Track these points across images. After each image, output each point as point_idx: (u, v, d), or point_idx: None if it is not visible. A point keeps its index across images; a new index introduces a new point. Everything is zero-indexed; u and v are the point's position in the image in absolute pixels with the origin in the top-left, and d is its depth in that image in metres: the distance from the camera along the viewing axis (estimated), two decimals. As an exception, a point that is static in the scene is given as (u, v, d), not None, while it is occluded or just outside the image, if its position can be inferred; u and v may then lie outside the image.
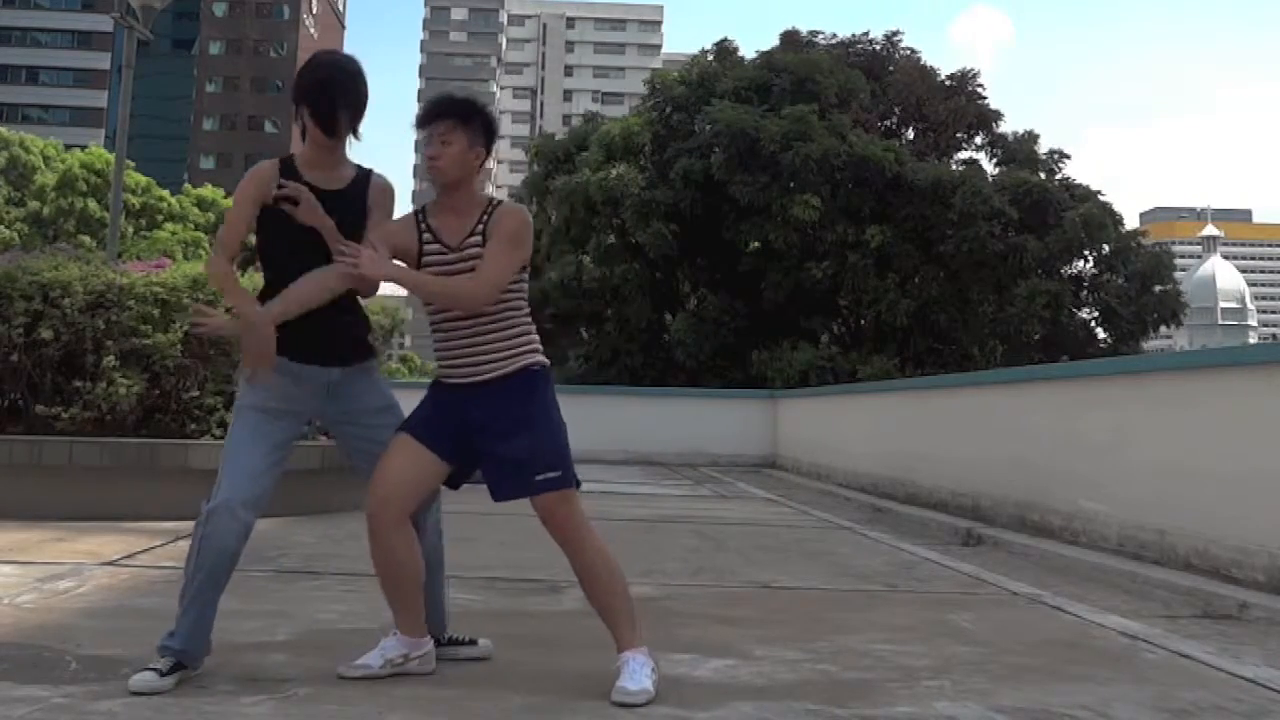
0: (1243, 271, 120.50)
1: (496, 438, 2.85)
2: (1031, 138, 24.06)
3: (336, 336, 2.94)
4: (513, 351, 2.89)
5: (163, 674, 2.66)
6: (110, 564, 4.55)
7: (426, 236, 2.93)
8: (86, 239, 42.10)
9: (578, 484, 2.89)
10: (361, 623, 3.51)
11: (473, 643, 3.16)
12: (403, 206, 3.05)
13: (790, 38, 25.34)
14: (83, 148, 53.04)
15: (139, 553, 4.89)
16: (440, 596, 3.13)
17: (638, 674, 2.74)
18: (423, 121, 2.95)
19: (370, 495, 2.91)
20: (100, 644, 3.11)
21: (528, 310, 2.99)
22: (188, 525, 5.81)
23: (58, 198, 49.19)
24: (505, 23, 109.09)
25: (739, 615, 3.96)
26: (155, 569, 4.51)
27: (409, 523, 2.91)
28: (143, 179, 51.49)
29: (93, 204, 49.13)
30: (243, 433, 2.89)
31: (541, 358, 2.95)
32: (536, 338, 2.98)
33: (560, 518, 2.86)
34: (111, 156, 50.93)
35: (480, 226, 2.89)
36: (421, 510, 3.00)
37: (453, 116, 2.92)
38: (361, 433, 3.03)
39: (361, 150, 3.11)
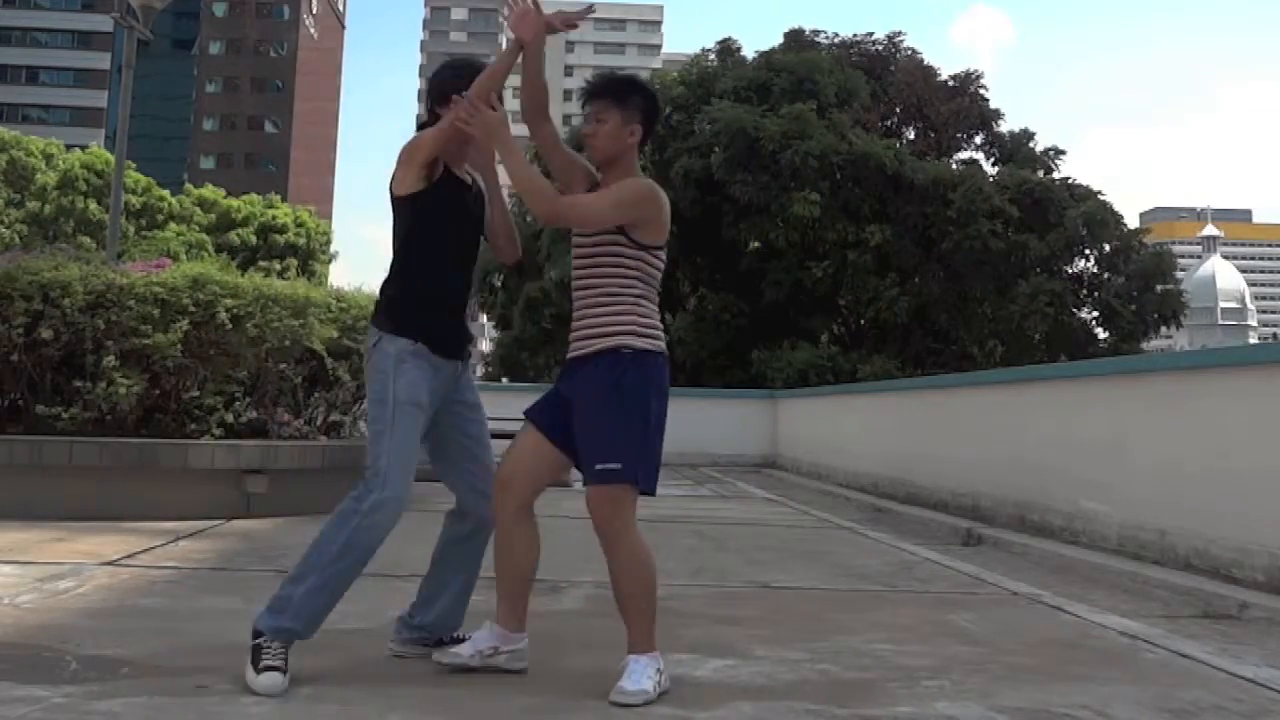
0: (1243, 271, 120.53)
1: (577, 416, 2.83)
2: (1027, 135, 24.13)
3: (463, 332, 3.09)
4: (610, 329, 2.81)
5: (284, 670, 2.69)
6: (110, 564, 4.55)
7: None
8: (87, 240, 42.03)
9: (639, 485, 2.79)
10: (361, 623, 3.51)
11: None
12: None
13: (795, 36, 25.36)
14: (83, 148, 52.99)
15: (139, 553, 4.89)
16: (459, 595, 3.16)
17: (638, 675, 2.73)
18: (583, 101, 3.04)
19: (495, 481, 2.94)
20: (100, 644, 3.11)
21: (647, 294, 2.88)
22: (188, 525, 5.86)
23: (59, 197, 49.19)
24: (505, 23, 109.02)
25: (739, 615, 3.96)
26: (155, 569, 4.51)
27: (529, 515, 2.91)
28: (143, 179, 51.48)
29: (93, 205, 49.10)
30: (413, 429, 2.90)
31: (640, 342, 2.81)
32: (649, 322, 2.86)
33: (600, 514, 2.80)
34: (112, 157, 50.99)
35: None
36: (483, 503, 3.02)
37: (607, 96, 2.96)
38: (455, 422, 3.09)
39: (361, 150, 3.15)
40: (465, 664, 2.87)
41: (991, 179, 21.76)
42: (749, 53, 24.94)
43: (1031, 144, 23.93)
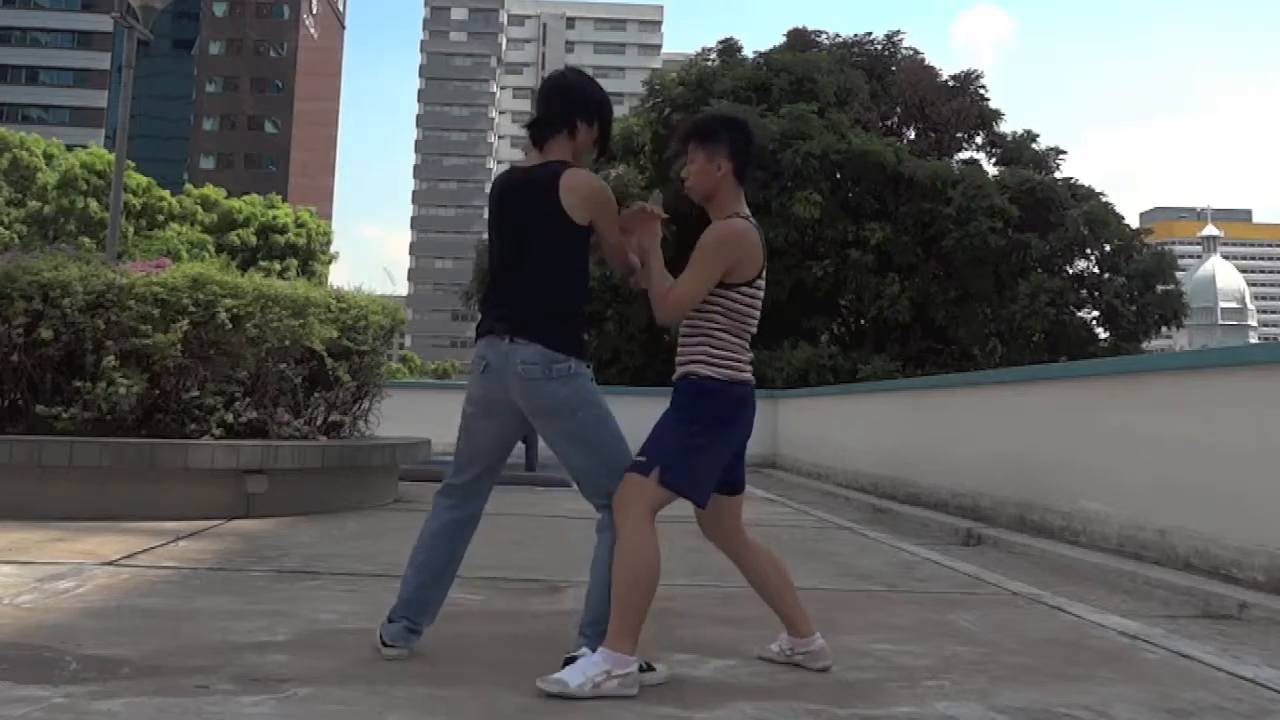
0: (1243, 271, 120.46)
1: None
2: (1030, 136, 24.12)
3: None
4: (687, 359, 3.03)
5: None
6: (110, 564, 4.55)
7: None
8: (87, 240, 41.96)
9: (664, 481, 2.87)
10: (361, 623, 3.51)
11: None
12: (403, 206, 3.09)
13: (796, 36, 25.36)
14: (83, 147, 52.89)
15: (139, 553, 4.89)
16: (446, 589, 3.20)
17: (573, 668, 2.75)
18: (677, 146, 3.19)
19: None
20: (100, 644, 3.10)
21: (728, 327, 3.02)
22: (188, 525, 5.86)
23: (59, 197, 49.13)
24: (505, 23, 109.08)
25: (739, 615, 3.96)
26: (155, 569, 4.51)
27: (738, 538, 3.18)
28: (143, 179, 51.45)
29: (94, 204, 49.05)
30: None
31: (706, 369, 2.99)
32: (721, 353, 3.00)
33: (617, 496, 2.91)
34: (112, 156, 50.94)
35: None
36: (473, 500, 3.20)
37: (692, 138, 3.10)
38: (517, 435, 3.27)
39: (361, 150, 3.16)
40: (775, 658, 3.20)
41: (993, 178, 21.76)
42: (750, 53, 24.97)
43: (1035, 145, 23.92)
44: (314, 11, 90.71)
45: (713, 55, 25.19)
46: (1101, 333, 22.06)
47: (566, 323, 3.03)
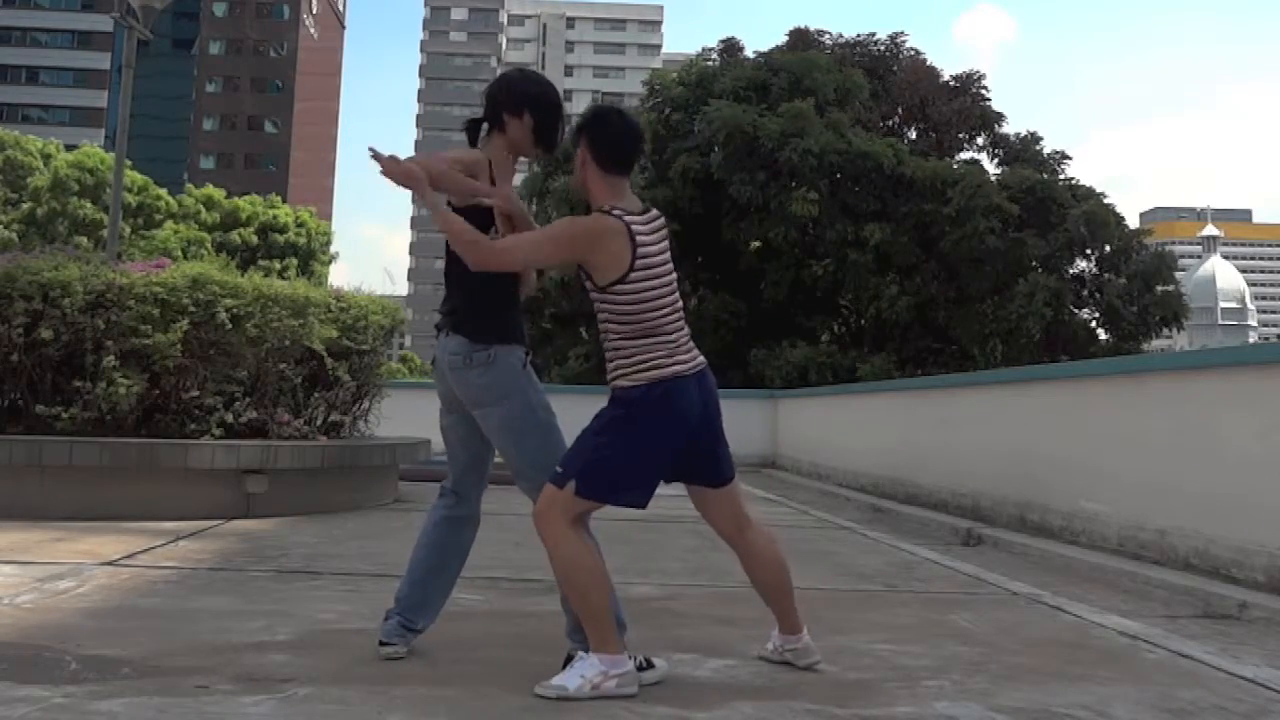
0: (1243, 271, 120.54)
1: None
2: (1034, 139, 24.08)
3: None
4: (610, 374, 2.98)
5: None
6: (110, 564, 4.55)
7: None
8: (82, 239, 41.78)
9: (578, 491, 2.84)
10: (361, 623, 3.51)
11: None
12: (403, 206, 3.10)
13: (798, 36, 25.36)
14: (71, 147, 52.50)
15: (139, 553, 4.89)
16: (444, 589, 3.20)
17: (570, 671, 2.76)
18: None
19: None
20: (100, 644, 3.11)
21: (625, 332, 2.91)
22: (188, 525, 5.86)
23: (51, 199, 48.83)
24: (505, 23, 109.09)
25: (739, 615, 3.96)
26: (155, 569, 4.51)
27: (744, 537, 3.18)
28: (139, 178, 51.17)
29: (88, 205, 48.80)
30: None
31: (625, 380, 2.91)
32: (632, 360, 2.91)
33: (538, 507, 2.90)
34: (104, 155, 50.74)
35: None
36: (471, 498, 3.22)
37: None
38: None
39: (361, 150, 3.16)
40: (769, 657, 3.24)
41: (994, 178, 21.75)
42: (751, 53, 24.96)
43: (1039, 148, 23.88)
44: (314, 11, 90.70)
45: (714, 55, 25.19)
46: (1101, 333, 22.05)
47: (488, 311, 3.04)
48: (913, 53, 25.65)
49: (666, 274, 2.97)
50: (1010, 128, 24.62)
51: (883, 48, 25.57)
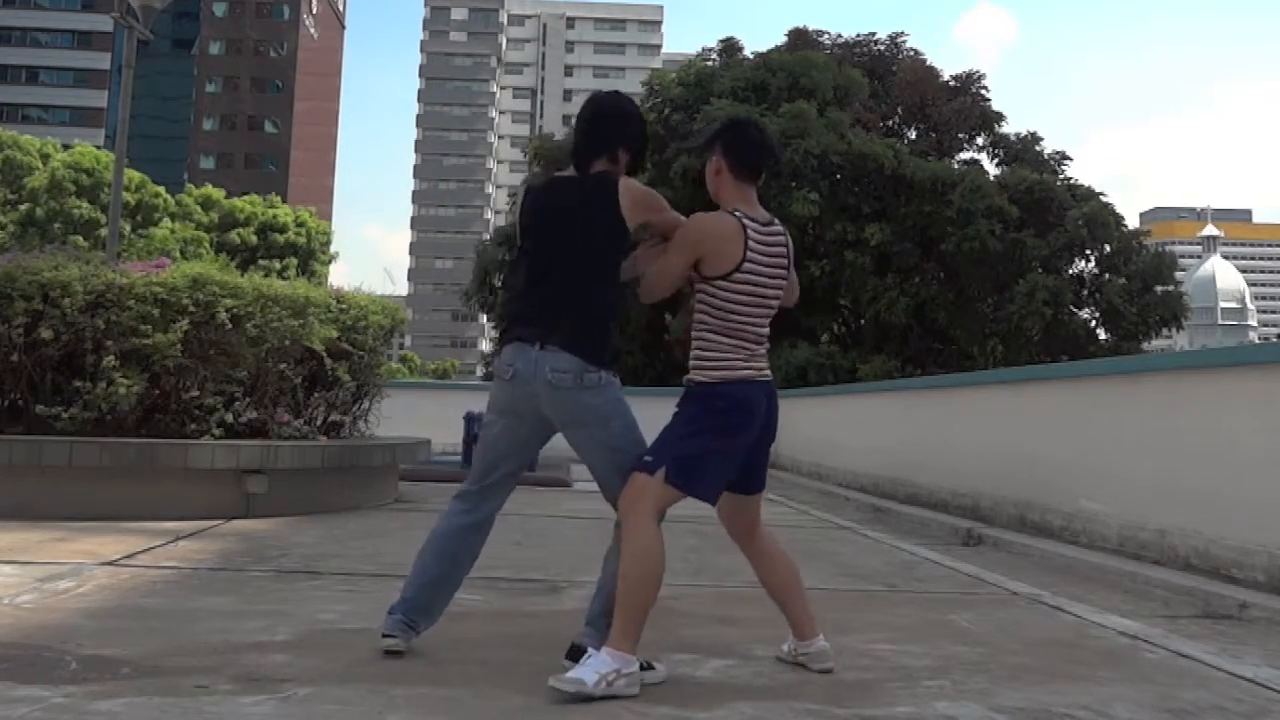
0: (1243, 271, 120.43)
1: None
2: (1034, 139, 24.09)
3: None
4: (690, 364, 3.10)
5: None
6: (110, 564, 4.55)
7: None
8: (78, 238, 41.65)
9: (670, 479, 2.92)
10: (362, 623, 3.51)
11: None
12: (403, 206, 3.12)
13: (798, 36, 25.36)
14: (67, 146, 52.29)
15: (139, 553, 4.89)
16: (450, 593, 3.20)
17: (588, 666, 2.75)
18: None
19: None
20: (100, 644, 3.10)
21: (717, 327, 3.06)
22: (188, 525, 5.86)
23: (48, 200, 48.63)
24: (505, 23, 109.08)
25: (739, 615, 3.96)
26: (155, 569, 4.51)
27: (755, 538, 3.27)
28: (136, 175, 50.88)
29: (85, 204, 48.62)
30: None
31: (700, 375, 3.06)
32: (711, 355, 3.05)
33: (624, 495, 2.96)
34: (100, 154, 50.64)
35: None
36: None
37: (705, 146, 3.23)
38: (539, 443, 3.29)
39: (362, 149, 3.18)
40: (784, 657, 3.25)
41: (993, 178, 21.75)
42: (750, 53, 24.96)
43: (1039, 148, 23.89)
44: (314, 11, 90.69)
45: (713, 55, 25.22)
46: (1101, 333, 22.05)
47: (599, 332, 3.03)
48: (912, 53, 25.68)
49: (768, 285, 3.10)
50: (1010, 128, 24.69)
51: (882, 48, 25.59)
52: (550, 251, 3.06)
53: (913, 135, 24.73)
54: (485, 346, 37.43)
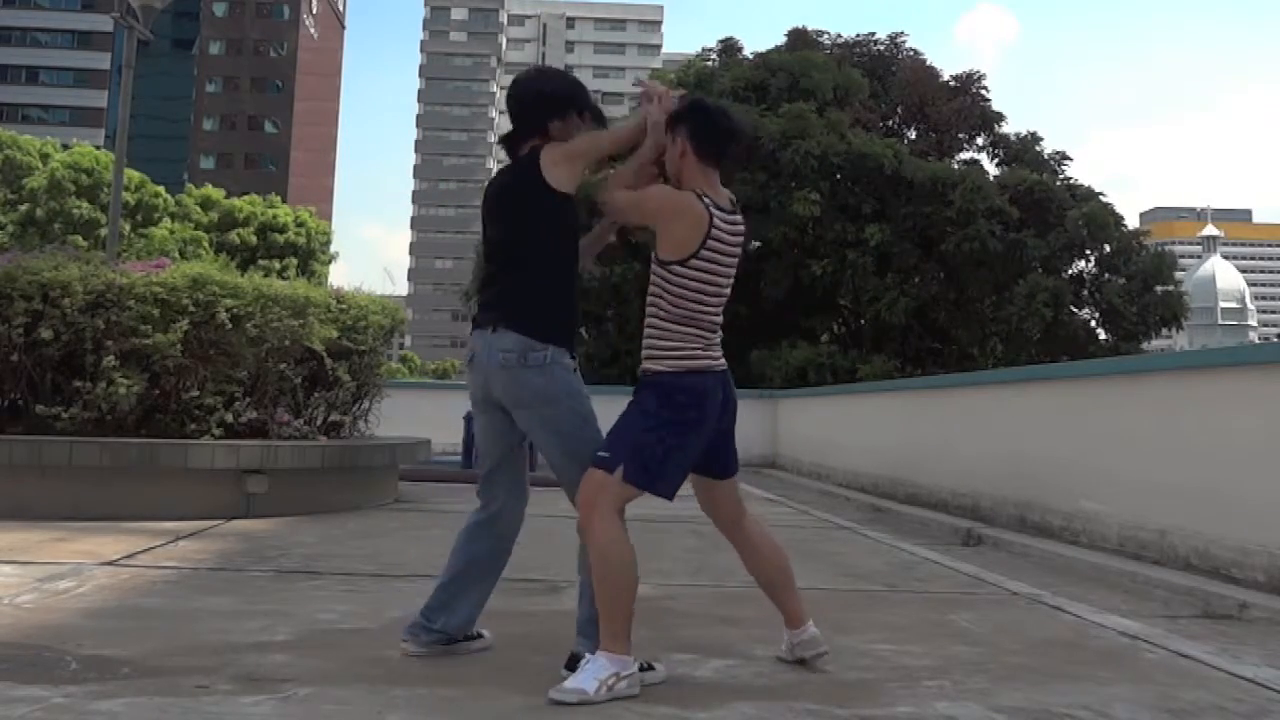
0: (1243, 271, 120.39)
1: None
2: (1034, 139, 24.06)
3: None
4: (643, 354, 3.06)
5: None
6: (110, 564, 4.55)
7: None
8: (77, 238, 41.58)
9: (627, 477, 2.85)
10: (361, 623, 3.51)
11: (480, 635, 3.24)
12: (403, 207, 3.11)
13: (797, 36, 25.34)
14: (66, 146, 52.21)
15: (139, 553, 4.89)
16: (481, 594, 3.19)
17: (586, 673, 2.73)
18: None
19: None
20: (100, 644, 3.11)
21: (671, 315, 2.99)
22: (188, 525, 5.86)
23: (48, 200, 48.54)
24: (505, 23, 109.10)
25: (739, 615, 3.96)
26: (155, 569, 4.51)
27: (741, 528, 3.21)
28: (136, 175, 50.81)
29: (84, 204, 48.53)
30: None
31: (657, 365, 2.99)
32: (665, 344, 2.99)
33: (580, 494, 2.91)
34: (99, 154, 50.57)
35: None
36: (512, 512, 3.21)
37: (668, 125, 3.09)
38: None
39: (362, 149, 3.19)
40: (784, 656, 3.21)
41: (993, 178, 21.74)
42: (749, 53, 24.95)
43: (1039, 148, 23.87)
44: (314, 11, 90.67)
45: (713, 55, 25.21)
46: (1101, 333, 22.04)
47: (547, 310, 3.01)
48: (912, 53, 25.64)
49: (726, 273, 3.05)
50: (1010, 128, 24.61)
51: (882, 48, 25.55)
52: (495, 236, 3.10)
53: (913, 135, 24.70)
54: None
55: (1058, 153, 23.99)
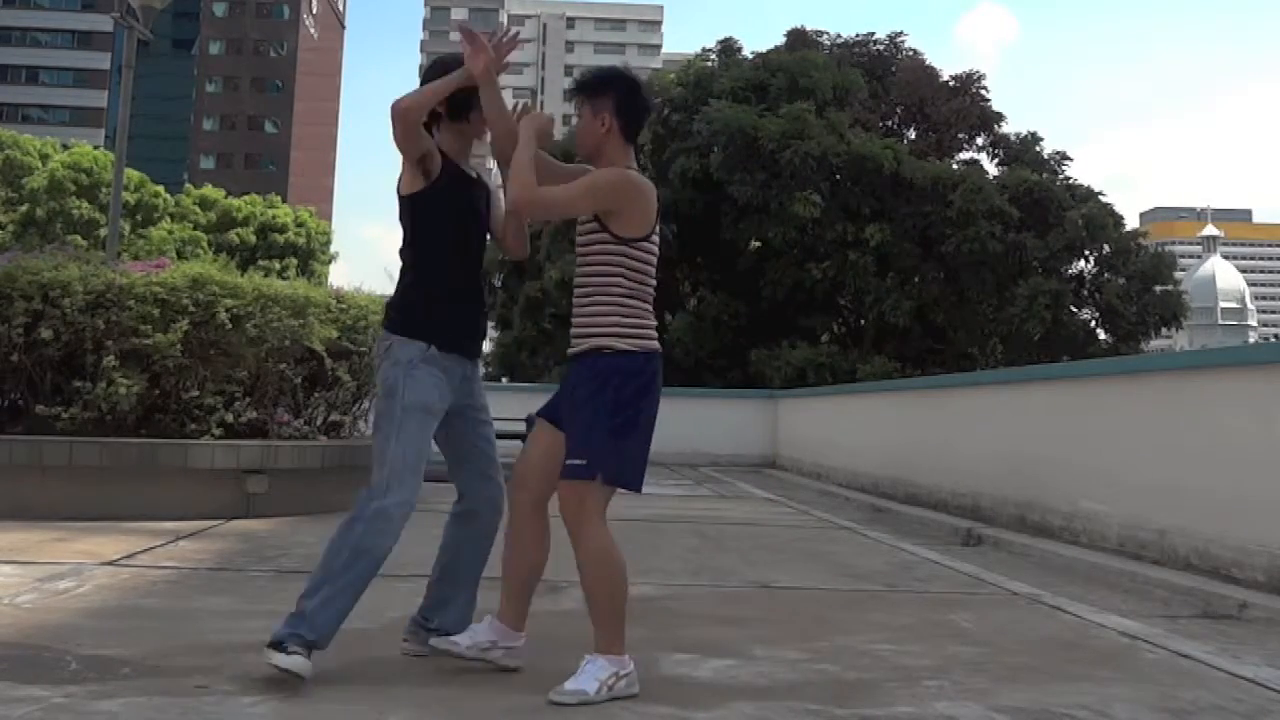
0: (1243, 271, 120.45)
1: (564, 415, 2.90)
2: (1034, 139, 24.06)
3: (479, 329, 3.14)
4: (594, 330, 2.85)
5: (307, 657, 2.71)
6: (110, 564, 4.55)
7: None
8: (76, 237, 41.54)
9: (607, 481, 2.79)
10: (361, 623, 3.50)
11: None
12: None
13: (796, 36, 25.34)
14: (66, 146, 52.16)
15: (139, 553, 4.89)
16: (459, 587, 3.16)
17: (585, 675, 2.72)
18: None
19: (512, 479, 2.99)
20: (100, 644, 3.11)
21: (633, 291, 2.86)
22: (188, 525, 5.86)
23: (49, 199, 48.50)
24: (505, 23, 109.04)
25: (739, 615, 3.96)
26: (155, 569, 4.51)
27: (542, 513, 2.93)
28: (136, 175, 50.77)
29: (84, 204, 48.49)
30: (421, 434, 2.93)
31: (622, 343, 2.82)
32: (633, 321, 2.85)
33: (565, 510, 2.83)
34: (98, 153, 50.55)
35: None
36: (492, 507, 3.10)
37: (579, 92, 2.97)
38: (467, 426, 3.11)
39: (361, 150, 3.19)
40: (461, 654, 2.90)
41: (993, 179, 21.74)
42: (750, 53, 24.95)
43: (1039, 148, 23.88)
44: (314, 11, 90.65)
45: (712, 55, 25.19)
46: (1101, 334, 22.04)
47: (398, 298, 3.07)
48: (912, 53, 25.65)
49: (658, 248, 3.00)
50: (1010, 128, 24.64)
51: (882, 48, 25.56)
52: None
53: (912, 135, 24.70)
54: (485, 346, 37.31)
55: (1057, 153, 24.00)
